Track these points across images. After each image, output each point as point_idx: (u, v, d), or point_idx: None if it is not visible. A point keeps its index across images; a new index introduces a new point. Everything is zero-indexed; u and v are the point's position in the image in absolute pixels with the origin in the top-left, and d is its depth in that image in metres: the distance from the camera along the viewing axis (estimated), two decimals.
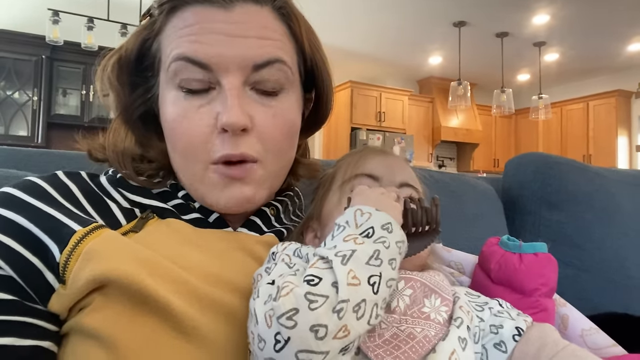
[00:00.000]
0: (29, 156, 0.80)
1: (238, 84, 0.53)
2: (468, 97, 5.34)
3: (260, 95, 0.56)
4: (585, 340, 0.58)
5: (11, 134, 4.57)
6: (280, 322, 0.38)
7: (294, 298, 0.39)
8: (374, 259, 0.42)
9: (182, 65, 0.53)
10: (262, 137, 0.55)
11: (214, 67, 0.53)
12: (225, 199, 0.56)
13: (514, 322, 0.51)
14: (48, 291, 0.47)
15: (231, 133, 0.53)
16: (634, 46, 5.49)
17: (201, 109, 0.54)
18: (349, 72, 6.20)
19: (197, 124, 0.53)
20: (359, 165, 0.61)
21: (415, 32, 5.23)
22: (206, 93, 0.54)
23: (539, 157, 1.15)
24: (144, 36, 0.58)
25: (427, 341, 0.45)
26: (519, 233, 1.12)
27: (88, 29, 3.71)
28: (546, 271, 0.57)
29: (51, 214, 0.49)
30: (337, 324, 0.38)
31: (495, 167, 7.39)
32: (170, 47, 0.54)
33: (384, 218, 0.46)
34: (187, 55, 0.53)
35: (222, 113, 0.52)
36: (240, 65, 0.53)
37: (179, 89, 0.54)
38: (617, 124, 6.34)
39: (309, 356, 0.38)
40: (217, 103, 0.53)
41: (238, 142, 0.53)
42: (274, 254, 0.52)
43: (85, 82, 4.82)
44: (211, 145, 0.54)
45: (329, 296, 0.39)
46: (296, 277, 0.42)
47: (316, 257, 0.43)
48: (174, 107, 0.55)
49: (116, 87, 0.58)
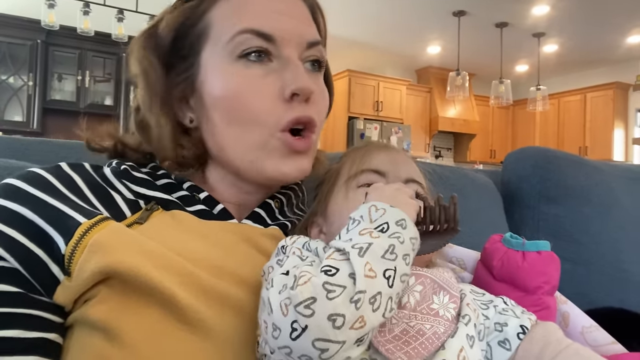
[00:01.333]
0: (28, 145, 0.79)
1: (297, 56, 0.58)
2: (466, 87, 5.34)
3: (308, 71, 0.60)
4: (585, 338, 0.59)
5: (6, 119, 4.54)
6: (297, 310, 0.38)
7: (312, 287, 0.39)
8: (389, 253, 0.42)
9: (247, 37, 0.56)
10: (317, 110, 0.60)
11: (279, 39, 0.56)
12: (288, 168, 0.58)
13: (518, 320, 0.51)
14: (53, 283, 0.47)
15: (301, 98, 0.56)
16: (633, 38, 5.48)
17: (266, 78, 0.56)
18: (347, 60, 6.16)
19: (263, 91, 0.56)
20: (365, 161, 0.61)
21: (414, 21, 5.20)
22: (267, 64, 0.57)
23: (538, 151, 1.15)
24: (186, 16, 0.59)
25: (437, 338, 0.46)
26: (518, 227, 1.12)
27: (84, 13, 3.68)
28: (549, 269, 0.57)
29: (55, 205, 0.49)
30: (355, 314, 0.38)
31: (492, 158, 7.41)
32: (230, 23, 0.57)
33: (398, 214, 0.46)
34: (254, 28, 0.56)
35: (293, 79, 0.55)
36: (298, 41, 0.58)
37: (239, 59, 0.56)
38: (614, 116, 6.36)
39: (326, 345, 0.38)
40: (282, 72, 0.57)
41: (306, 107, 0.57)
42: (284, 247, 0.52)
43: (81, 67, 4.78)
44: (278, 111, 0.56)
45: (347, 286, 0.39)
46: (312, 267, 0.43)
47: (332, 249, 0.44)
48: (233, 77, 0.56)
49: (156, 67, 0.58)
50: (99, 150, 0.63)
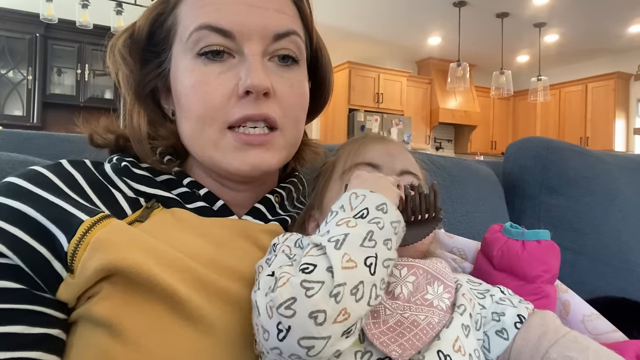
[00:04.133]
0: (29, 139, 0.79)
1: (259, 52, 0.55)
2: (467, 78, 5.31)
3: (277, 66, 0.58)
4: (586, 326, 0.59)
5: (6, 114, 4.53)
6: (279, 312, 0.39)
7: (291, 287, 0.39)
8: (368, 240, 0.42)
9: (205, 33, 0.55)
10: (282, 105, 0.57)
11: (237, 35, 0.55)
12: (239, 163, 0.56)
13: (515, 309, 0.51)
14: (56, 280, 0.47)
15: (255, 96, 0.54)
16: (634, 28, 5.45)
17: (221, 75, 0.55)
18: (347, 52, 6.14)
19: (217, 88, 0.55)
20: (359, 154, 0.61)
21: (415, 12, 5.16)
22: (226, 61, 0.56)
23: (540, 141, 1.14)
24: (158, 11, 0.59)
25: (431, 328, 0.46)
26: (519, 218, 1.12)
27: (83, 6, 3.64)
28: (549, 258, 0.57)
29: (57, 203, 0.49)
30: (336, 307, 0.38)
31: (493, 149, 7.39)
32: (191, 18, 0.56)
33: (378, 199, 0.46)
34: (211, 24, 0.54)
35: (246, 76, 0.54)
36: (261, 34, 0.55)
37: (199, 57, 0.55)
38: (615, 106, 6.33)
39: (312, 342, 0.38)
40: (238, 69, 0.55)
41: (260, 104, 0.55)
42: (275, 245, 0.52)
43: (80, 60, 4.76)
44: (230, 109, 0.55)
45: (325, 281, 0.39)
46: (293, 267, 0.43)
47: (310, 245, 0.44)
48: (192, 74, 0.56)
49: (129, 62, 0.60)
50: (101, 145, 0.63)
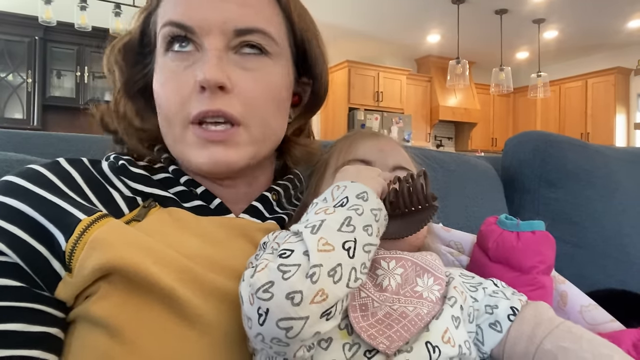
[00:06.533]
0: (27, 139, 0.79)
1: (220, 46, 0.54)
2: (466, 75, 5.30)
3: (242, 58, 0.56)
4: (584, 316, 0.59)
5: (7, 117, 4.53)
6: (258, 297, 0.39)
7: (269, 271, 0.40)
8: (346, 225, 0.43)
9: (169, 30, 0.55)
10: (243, 99, 0.55)
11: (197, 30, 0.54)
12: (200, 159, 0.55)
13: (508, 301, 0.51)
14: (54, 279, 0.47)
15: (209, 91, 0.53)
16: (634, 23, 5.43)
17: (186, 71, 0.55)
18: (346, 51, 6.13)
19: (181, 85, 0.55)
20: (351, 151, 0.61)
21: (413, 9, 5.16)
22: (192, 55, 0.55)
23: (538, 135, 1.14)
24: (145, 14, 0.60)
25: (420, 319, 0.46)
26: (519, 211, 1.12)
27: (81, 9, 3.65)
28: (543, 249, 0.57)
29: (55, 202, 0.49)
30: (312, 288, 0.38)
31: (493, 146, 7.38)
32: (161, 16, 0.57)
33: (358, 188, 0.47)
34: (173, 20, 0.55)
35: (200, 71, 0.53)
36: (221, 28, 0.54)
37: (167, 53, 0.56)
38: (616, 101, 6.32)
39: (290, 323, 0.38)
40: (198, 64, 0.54)
41: (215, 99, 0.54)
42: (265, 243, 0.52)
43: (79, 63, 4.76)
44: (189, 104, 0.55)
45: (301, 264, 0.40)
46: (272, 254, 0.44)
47: (289, 233, 0.45)
48: (162, 72, 0.57)
49: (120, 64, 0.61)
50: (111, 130, 0.64)
